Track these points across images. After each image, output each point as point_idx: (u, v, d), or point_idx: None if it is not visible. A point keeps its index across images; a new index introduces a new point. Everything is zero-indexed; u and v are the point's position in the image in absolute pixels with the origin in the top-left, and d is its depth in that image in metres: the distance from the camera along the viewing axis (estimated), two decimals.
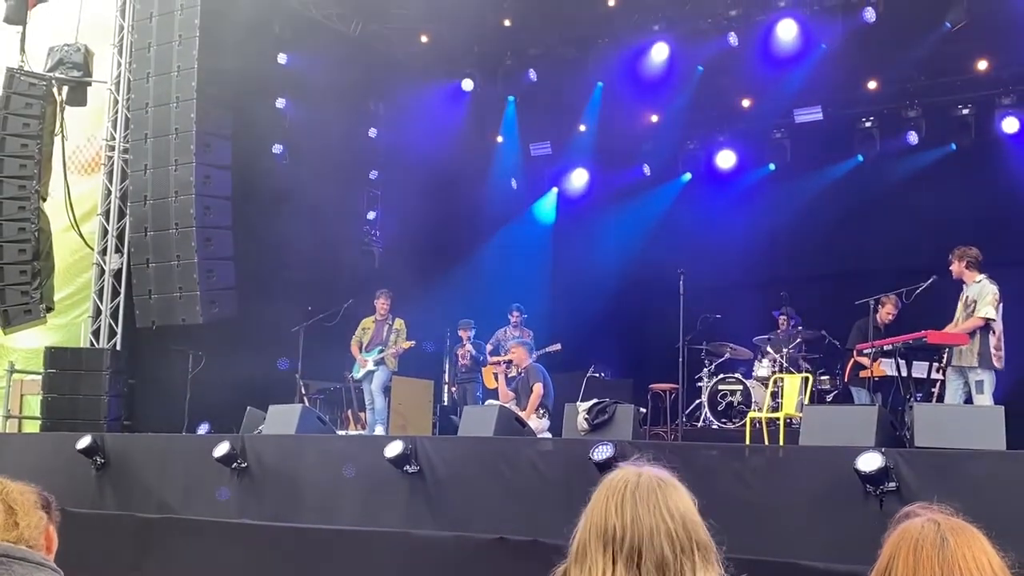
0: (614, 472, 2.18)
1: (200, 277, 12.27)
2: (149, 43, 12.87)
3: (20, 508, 2.74)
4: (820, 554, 6.55)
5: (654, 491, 2.10)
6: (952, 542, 2.01)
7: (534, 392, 11.43)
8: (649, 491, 2.10)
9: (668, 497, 2.10)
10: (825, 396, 12.72)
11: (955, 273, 9.86)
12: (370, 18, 16.14)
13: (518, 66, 16.43)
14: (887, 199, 15.38)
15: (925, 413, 7.56)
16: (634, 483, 2.12)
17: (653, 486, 2.12)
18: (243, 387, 12.41)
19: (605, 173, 17.93)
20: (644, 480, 2.13)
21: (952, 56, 14.58)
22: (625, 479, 2.13)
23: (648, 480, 2.13)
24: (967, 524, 2.07)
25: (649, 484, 2.12)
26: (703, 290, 13.02)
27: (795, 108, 15.80)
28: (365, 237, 17.14)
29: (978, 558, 2.00)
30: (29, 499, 2.79)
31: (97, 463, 10.45)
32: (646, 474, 2.15)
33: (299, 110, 15.59)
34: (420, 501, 8.53)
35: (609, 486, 2.14)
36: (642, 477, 2.14)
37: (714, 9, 14.64)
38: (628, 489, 2.11)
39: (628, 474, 2.15)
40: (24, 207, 12.57)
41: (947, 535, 2.02)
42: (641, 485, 2.11)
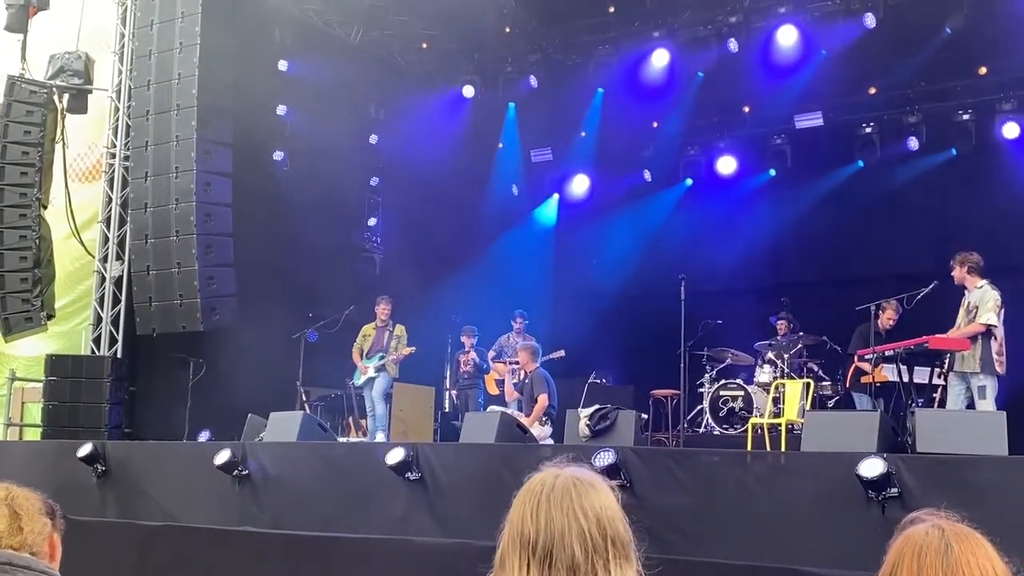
0: (534, 475, 2.15)
1: (201, 284, 12.26)
2: (150, 51, 12.88)
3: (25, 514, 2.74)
4: (822, 560, 6.53)
5: (568, 491, 2.06)
6: (956, 548, 2.00)
7: (539, 403, 11.40)
8: (564, 492, 2.06)
9: (583, 496, 2.06)
10: (827, 402, 12.71)
11: (957, 279, 9.85)
12: (371, 25, 16.16)
13: (519, 72, 16.44)
14: (888, 205, 15.38)
15: (927, 419, 7.55)
16: (550, 485, 2.08)
17: (568, 486, 2.07)
18: (244, 394, 12.41)
19: (606, 179, 17.93)
20: (560, 481, 2.08)
21: (952, 61, 14.59)
22: (542, 482, 2.10)
23: (564, 481, 2.08)
24: (972, 530, 2.06)
25: (564, 485, 2.07)
26: (704, 296, 13.02)
27: (796, 114, 15.81)
28: (366, 244, 17.14)
29: (982, 564, 1.99)
30: (34, 505, 2.79)
31: (98, 471, 10.43)
32: (563, 475, 2.10)
33: (300, 117, 15.60)
34: (422, 508, 8.51)
35: (527, 491, 2.10)
36: (559, 479, 2.09)
37: (714, 16, 14.66)
38: (543, 492, 2.07)
39: (546, 476, 2.11)
40: (25, 215, 12.58)
41: (951, 541, 2.02)
42: (557, 487, 2.07)
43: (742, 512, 7.00)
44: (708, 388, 13.59)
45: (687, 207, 17.33)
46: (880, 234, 15.46)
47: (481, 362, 14.47)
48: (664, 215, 17.44)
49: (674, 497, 7.23)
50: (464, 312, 15.97)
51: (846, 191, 15.85)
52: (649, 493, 7.25)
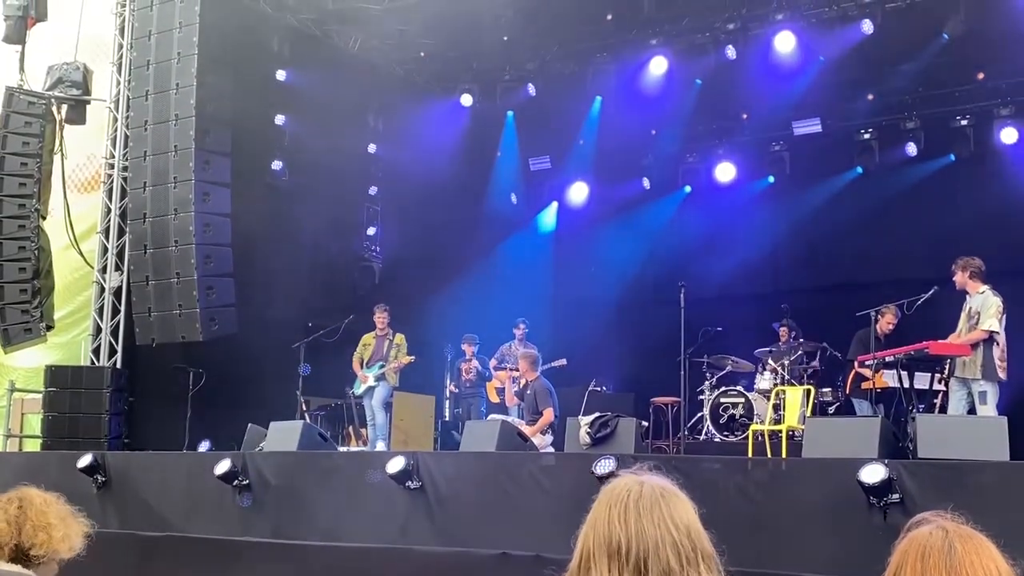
0: (614, 481, 2.15)
1: (200, 294, 12.26)
2: (148, 61, 12.89)
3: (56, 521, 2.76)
4: (824, 567, 6.52)
5: (658, 501, 2.07)
6: (960, 549, 2.00)
7: (544, 416, 11.34)
8: (653, 502, 2.07)
9: (672, 508, 2.08)
10: (827, 408, 12.69)
11: (958, 283, 9.84)
12: (369, 34, 16.17)
13: (517, 81, 16.48)
14: (887, 211, 15.39)
15: (928, 424, 7.54)
16: (636, 493, 2.09)
17: (656, 496, 2.08)
18: (244, 404, 12.39)
19: (605, 187, 17.93)
20: (647, 490, 2.09)
21: (950, 67, 14.62)
22: (628, 489, 2.10)
23: (651, 490, 2.10)
24: (976, 532, 2.06)
25: (652, 494, 2.09)
26: (704, 303, 13.02)
27: (794, 120, 15.82)
28: (365, 253, 17.14)
29: (986, 565, 1.98)
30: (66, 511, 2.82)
31: (98, 481, 10.42)
32: (648, 484, 2.11)
33: (298, 126, 15.61)
34: (422, 517, 8.49)
35: (611, 496, 2.10)
36: (644, 487, 2.10)
37: (712, 23, 14.68)
38: (631, 499, 2.07)
39: (630, 484, 2.12)
40: (24, 226, 12.58)
41: (955, 542, 2.01)
42: (644, 495, 2.08)
43: (743, 519, 6.98)
44: (708, 395, 13.57)
45: (686, 214, 17.33)
46: (879, 240, 15.47)
47: (483, 370, 14.47)
48: (663, 222, 17.45)
49: None
50: (464, 321, 15.96)
51: (845, 197, 15.86)
52: None
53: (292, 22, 15.37)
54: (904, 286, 11.25)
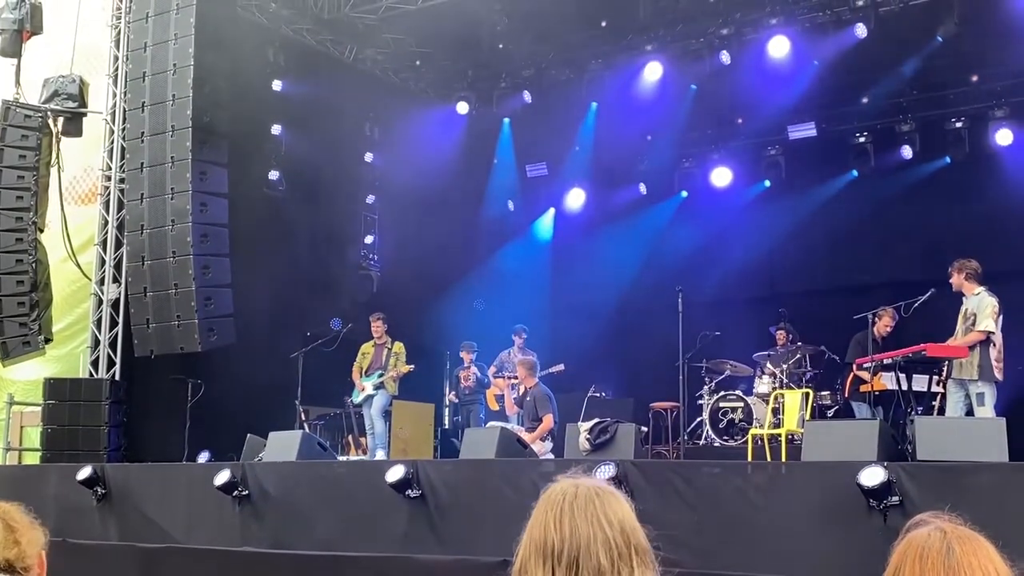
0: (552, 486, 2.17)
1: (198, 305, 12.24)
2: (144, 72, 12.89)
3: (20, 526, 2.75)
4: (824, 570, 6.53)
5: (592, 500, 2.09)
6: (958, 550, 2.00)
7: (544, 422, 11.32)
8: (587, 501, 2.09)
9: (606, 505, 2.09)
10: (826, 411, 12.70)
11: (955, 285, 9.86)
12: (364, 43, 16.22)
13: (512, 88, 16.52)
14: (883, 214, 15.41)
15: (926, 426, 7.55)
16: (572, 494, 2.10)
17: (591, 496, 2.10)
18: (243, 414, 12.39)
19: (602, 193, 17.96)
20: (582, 491, 2.11)
21: (944, 69, 14.67)
22: (563, 491, 2.12)
23: (586, 491, 2.11)
24: (975, 533, 2.07)
25: (587, 494, 2.10)
26: (702, 307, 13.04)
27: (789, 125, 15.85)
28: (363, 261, 17.15)
29: (984, 566, 1.99)
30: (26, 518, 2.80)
31: (98, 494, 10.41)
32: (584, 485, 2.13)
33: (295, 136, 15.63)
34: (423, 525, 8.49)
35: (548, 500, 2.12)
36: (580, 488, 2.12)
37: (706, 28, 14.73)
38: (566, 501, 2.09)
39: (566, 486, 2.14)
40: (21, 239, 12.58)
41: (953, 543, 2.02)
42: (579, 496, 2.10)
43: (743, 523, 6.99)
44: (707, 400, 13.58)
45: (683, 219, 17.35)
46: (876, 243, 15.49)
47: (482, 377, 14.46)
48: (660, 228, 17.47)
49: (675, 509, 7.22)
50: (463, 328, 15.96)
51: (841, 201, 15.88)
52: (650, 506, 7.23)
53: (287, 32, 15.41)
54: (901, 288, 11.27)
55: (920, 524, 2.12)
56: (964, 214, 14.26)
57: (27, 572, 2.73)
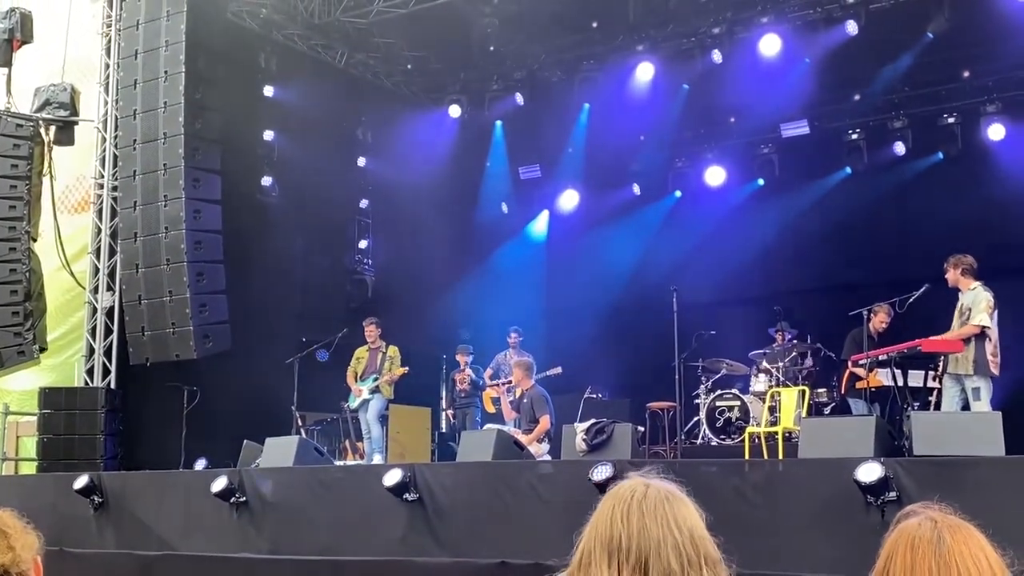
0: (622, 483, 2.15)
1: (193, 312, 12.24)
2: (135, 80, 12.90)
3: (13, 532, 2.73)
4: (824, 567, 6.52)
5: (662, 503, 2.08)
6: (949, 539, 2.00)
7: (541, 423, 11.29)
8: (657, 503, 2.07)
9: (676, 510, 2.08)
10: (823, 409, 12.69)
11: (950, 281, 9.85)
12: (355, 48, 16.21)
13: (504, 91, 16.53)
14: (877, 210, 15.43)
15: (923, 421, 7.55)
16: (641, 494, 2.09)
17: (661, 498, 2.09)
18: (239, 421, 12.37)
19: (595, 194, 17.96)
20: (652, 492, 2.10)
21: (935, 66, 14.69)
22: (632, 489, 2.11)
23: (656, 492, 2.10)
24: (965, 522, 2.06)
25: (657, 496, 2.09)
26: (697, 307, 13.03)
27: (782, 123, 15.86)
28: (357, 266, 17.13)
29: (975, 555, 1.99)
30: (19, 523, 2.78)
31: (95, 502, 10.39)
32: (654, 486, 2.12)
33: (287, 142, 15.62)
34: (421, 528, 8.48)
35: (616, 496, 2.11)
36: (650, 489, 2.11)
37: (697, 28, 14.74)
38: (635, 500, 2.08)
39: (636, 485, 2.13)
40: (15, 248, 12.54)
41: (944, 532, 2.02)
42: (649, 496, 2.09)
43: (742, 521, 6.98)
44: (704, 399, 13.56)
45: (677, 219, 17.37)
46: (870, 240, 15.51)
47: (478, 379, 14.44)
48: (654, 228, 17.48)
49: None
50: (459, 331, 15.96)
51: (834, 198, 15.89)
52: None
53: (278, 38, 15.40)
54: (896, 285, 11.26)
55: (911, 515, 2.11)
56: (957, 209, 14.27)
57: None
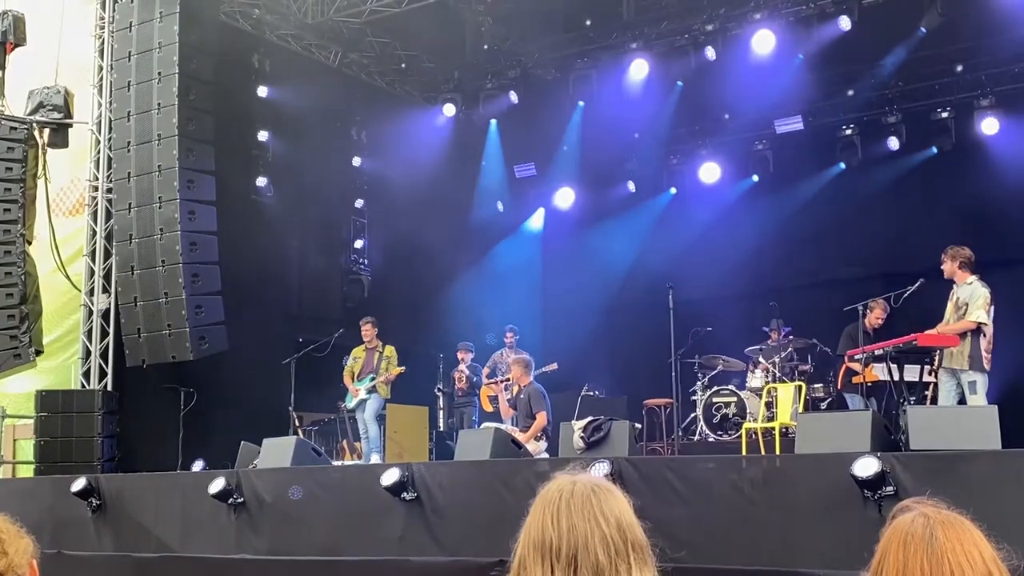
0: (549, 483, 2.17)
1: (189, 313, 12.22)
2: (128, 82, 12.87)
3: (7, 536, 2.73)
4: (822, 562, 6.53)
5: (588, 498, 2.09)
6: (941, 536, 2.00)
7: (538, 419, 11.27)
8: (584, 499, 2.08)
9: (603, 502, 2.09)
10: (819, 404, 12.71)
11: (947, 273, 9.85)
12: (349, 47, 16.21)
13: (499, 89, 16.53)
14: (871, 205, 15.47)
15: (919, 416, 7.55)
16: (568, 492, 2.10)
17: (588, 493, 2.10)
18: (236, 422, 12.36)
19: (591, 192, 17.99)
20: (579, 488, 2.11)
21: (929, 60, 14.72)
22: (560, 489, 2.12)
23: (582, 488, 2.11)
24: (959, 517, 2.06)
25: (583, 491, 2.10)
26: (693, 304, 13.04)
27: (776, 119, 15.90)
28: (353, 266, 17.13)
29: (968, 551, 1.99)
30: (13, 528, 2.77)
31: (93, 505, 10.37)
32: (581, 482, 2.13)
33: (282, 142, 15.62)
34: (419, 527, 8.48)
35: (544, 498, 2.13)
36: (576, 485, 2.12)
37: (691, 25, 14.76)
38: (563, 499, 2.09)
39: (563, 484, 2.14)
40: (9, 251, 12.51)
41: (936, 528, 2.01)
42: (576, 493, 2.10)
43: (739, 517, 6.99)
44: (701, 395, 13.59)
45: (672, 216, 17.39)
46: (865, 235, 15.54)
47: (476, 378, 14.43)
48: (650, 225, 17.50)
49: (671, 505, 7.22)
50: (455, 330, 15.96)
51: (829, 194, 15.93)
52: (645, 502, 7.17)
53: (272, 38, 15.40)
54: (891, 280, 11.29)
55: (905, 510, 2.12)
56: (952, 204, 14.32)
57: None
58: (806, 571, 6.51)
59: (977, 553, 1.99)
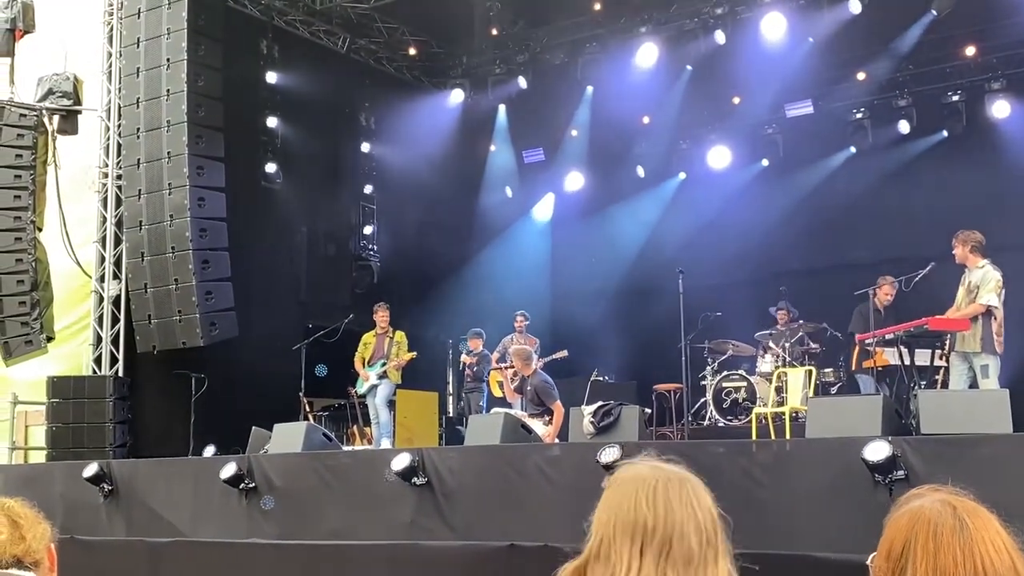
0: (634, 468, 2.15)
1: (199, 299, 12.26)
2: (137, 68, 12.89)
3: (25, 522, 2.74)
4: (832, 546, 6.53)
5: (684, 484, 2.10)
6: (971, 524, 2.00)
7: (556, 411, 11.15)
8: (680, 483, 2.10)
9: (696, 491, 2.11)
10: (829, 388, 12.70)
11: (959, 258, 9.80)
12: (357, 33, 16.19)
13: (507, 74, 16.49)
14: (881, 189, 15.41)
15: (930, 400, 7.54)
16: (665, 477, 2.11)
17: (682, 480, 2.11)
18: (247, 408, 12.40)
19: (600, 176, 17.94)
20: (673, 475, 2.12)
21: (939, 43, 14.64)
22: (655, 473, 2.12)
23: (676, 475, 2.13)
24: (979, 505, 2.06)
25: (679, 478, 2.12)
26: (703, 288, 13.02)
27: (786, 103, 15.84)
28: (363, 252, 17.14)
29: (995, 540, 1.99)
30: (31, 513, 2.79)
31: (104, 490, 10.41)
32: (672, 469, 2.14)
33: (290, 128, 15.61)
34: (429, 512, 8.50)
35: (637, 479, 2.11)
36: (670, 471, 2.13)
37: (700, 8, 14.69)
38: (660, 483, 2.09)
39: (655, 468, 2.14)
40: (20, 238, 12.56)
41: (965, 518, 2.01)
42: (672, 479, 2.11)
43: (750, 501, 6.99)
44: (711, 380, 13.59)
45: (682, 201, 17.35)
46: (875, 219, 15.48)
47: (486, 366, 14.39)
48: (659, 210, 17.46)
49: None
50: (465, 316, 15.97)
51: (839, 178, 15.88)
52: None
53: (280, 24, 15.38)
54: (901, 264, 11.25)
55: (916, 497, 2.10)
56: (962, 187, 14.25)
57: (37, 567, 2.73)
58: (816, 555, 6.51)
59: (1001, 542, 1.99)
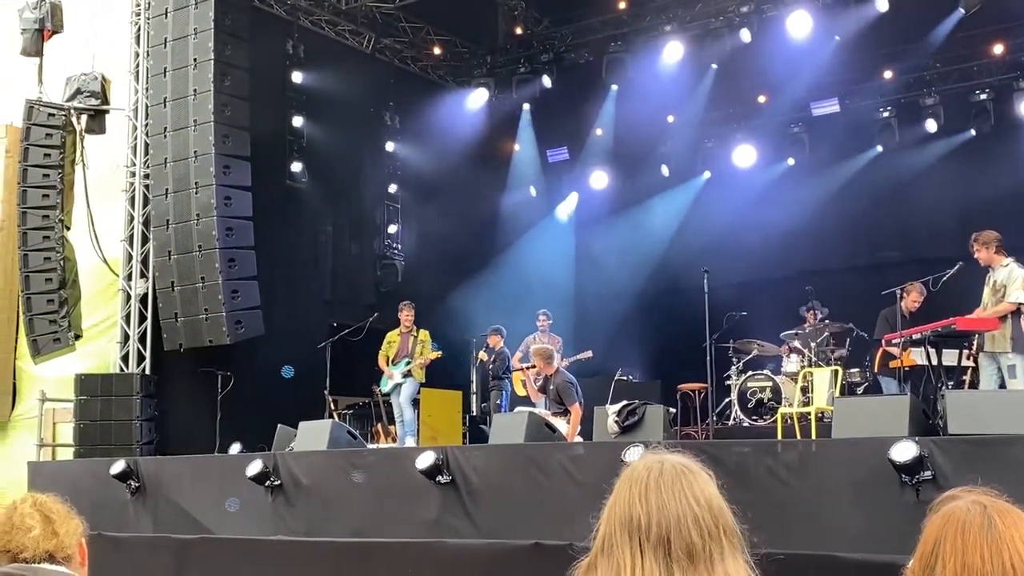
0: (635, 462, 2.14)
1: (225, 298, 12.33)
2: (165, 68, 12.96)
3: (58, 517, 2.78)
4: (858, 546, 6.50)
5: (679, 477, 2.06)
6: (1000, 523, 1.99)
7: (574, 415, 11.20)
8: (674, 478, 2.06)
9: (693, 482, 2.06)
10: (855, 389, 12.62)
11: (983, 260, 9.70)
12: (382, 33, 16.25)
13: (532, 73, 16.50)
14: (908, 189, 15.33)
15: (957, 400, 7.48)
16: (657, 471, 2.07)
17: (677, 472, 2.07)
18: (272, 405, 12.46)
19: (624, 176, 17.92)
20: (668, 467, 2.08)
21: (967, 41, 14.56)
22: (648, 467, 2.09)
23: (672, 467, 2.08)
24: (1012, 505, 2.05)
25: (673, 471, 2.07)
26: (728, 288, 13.00)
27: (812, 101, 15.79)
28: (387, 251, 17.19)
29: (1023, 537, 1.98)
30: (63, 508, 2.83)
31: (131, 487, 10.50)
32: (669, 461, 2.10)
33: (316, 128, 15.67)
34: (454, 511, 8.52)
35: (631, 476, 2.09)
36: (665, 464, 2.09)
37: (725, 7, 14.66)
38: (651, 477, 2.06)
39: (651, 462, 2.10)
40: (48, 236, 12.68)
41: (994, 516, 2.00)
42: (665, 472, 2.07)
43: (775, 502, 6.96)
44: (735, 380, 13.53)
45: (707, 200, 17.30)
46: (901, 218, 15.40)
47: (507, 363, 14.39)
48: (684, 209, 17.43)
49: None
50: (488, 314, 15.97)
51: (865, 176, 15.80)
52: None
53: (306, 24, 15.45)
54: (928, 264, 11.17)
55: (952, 499, 2.10)
56: (990, 186, 14.14)
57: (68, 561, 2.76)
58: (842, 555, 6.49)
59: None
